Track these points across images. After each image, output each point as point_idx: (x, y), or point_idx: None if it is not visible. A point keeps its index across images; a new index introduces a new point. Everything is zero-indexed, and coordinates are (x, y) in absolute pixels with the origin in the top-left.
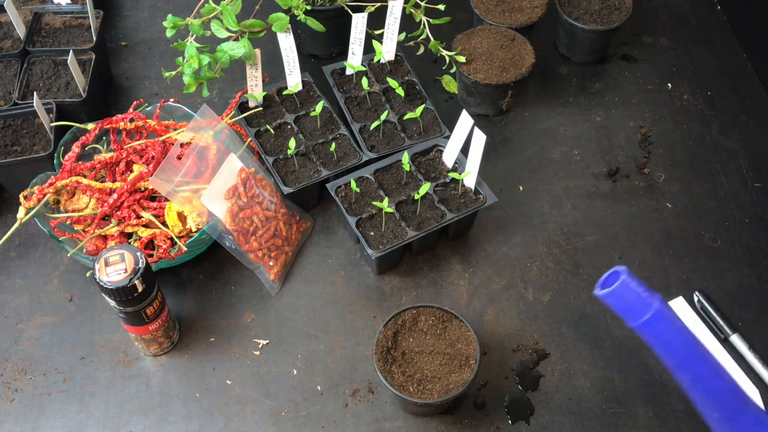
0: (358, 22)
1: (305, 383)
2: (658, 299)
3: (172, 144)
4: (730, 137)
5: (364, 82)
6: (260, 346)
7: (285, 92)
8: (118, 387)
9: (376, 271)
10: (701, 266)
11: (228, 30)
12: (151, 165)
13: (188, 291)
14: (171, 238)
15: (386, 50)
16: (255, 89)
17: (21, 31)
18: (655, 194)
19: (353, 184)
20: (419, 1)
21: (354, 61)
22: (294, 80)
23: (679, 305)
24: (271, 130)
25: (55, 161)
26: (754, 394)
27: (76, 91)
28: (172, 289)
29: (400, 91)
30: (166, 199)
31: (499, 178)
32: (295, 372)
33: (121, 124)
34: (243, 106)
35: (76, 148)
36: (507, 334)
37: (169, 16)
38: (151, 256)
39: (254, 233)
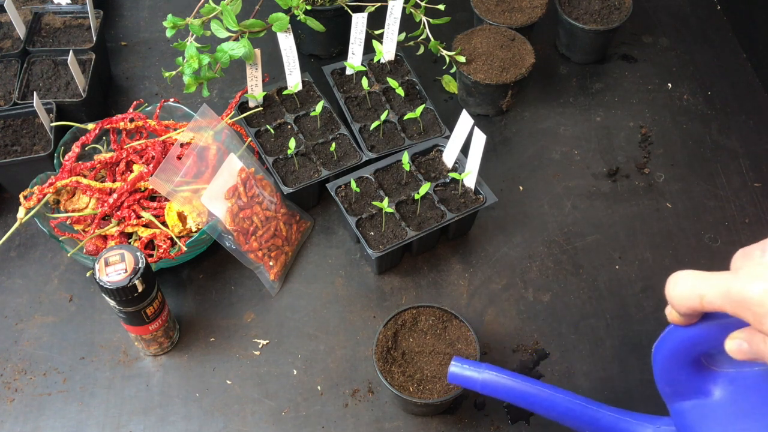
0: (358, 22)
1: (305, 383)
2: (486, 369)
3: (172, 144)
4: (730, 137)
5: (364, 82)
6: (260, 346)
7: (285, 92)
8: (118, 387)
9: (376, 271)
10: (701, 266)
11: (228, 30)
12: (151, 165)
13: (188, 291)
14: (171, 238)
15: (386, 50)
16: (255, 89)
17: (21, 31)
18: (655, 194)
19: (353, 184)
20: (419, 1)
21: (354, 61)
22: (294, 80)
23: None
24: (271, 130)
25: (55, 161)
26: None
27: (76, 91)
28: (172, 289)
29: (400, 91)
30: (166, 199)
31: (499, 178)
32: (295, 372)
33: (121, 124)
34: (243, 106)
35: (76, 148)
36: (507, 334)
37: (169, 16)
38: (151, 256)
39: (254, 233)
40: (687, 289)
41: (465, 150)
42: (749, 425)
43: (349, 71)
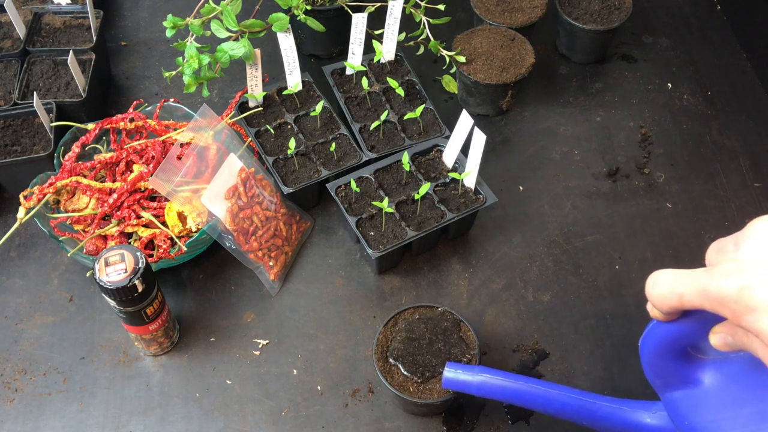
0: (358, 22)
1: (305, 383)
2: (480, 372)
3: (172, 144)
4: (730, 137)
5: (364, 82)
6: (260, 346)
7: (285, 92)
8: (118, 387)
9: (376, 271)
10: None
11: (228, 30)
12: (151, 165)
13: (188, 291)
14: (171, 238)
15: (386, 50)
16: (255, 89)
17: (21, 31)
18: (655, 194)
19: (353, 184)
20: (419, 1)
21: (354, 61)
22: (294, 80)
23: None
24: (271, 130)
25: (55, 161)
26: None
27: (76, 91)
28: (172, 289)
29: (400, 91)
30: (166, 199)
31: (499, 178)
32: (295, 372)
33: (121, 124)
34: (243, 106)
35: (76, 148)
36: (507, 334)
37: (169, 16)
38: (151, 256)
39: (254, 233)
40: (666, 289)
41: (465, 150)
42: (740, 411)
43: (349, 71)
